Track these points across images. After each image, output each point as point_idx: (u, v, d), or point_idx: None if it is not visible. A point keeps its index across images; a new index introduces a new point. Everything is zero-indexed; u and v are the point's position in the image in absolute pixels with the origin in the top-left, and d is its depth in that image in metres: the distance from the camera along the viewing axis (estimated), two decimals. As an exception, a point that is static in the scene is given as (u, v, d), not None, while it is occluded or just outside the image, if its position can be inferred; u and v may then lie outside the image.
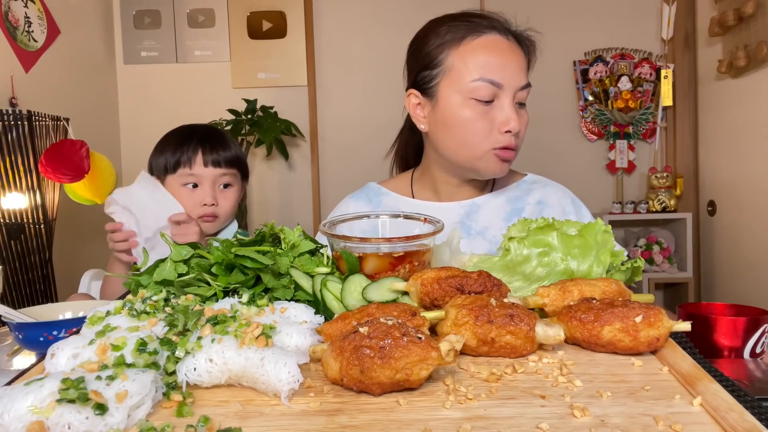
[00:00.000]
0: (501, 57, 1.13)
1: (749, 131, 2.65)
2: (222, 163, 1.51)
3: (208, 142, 1.53)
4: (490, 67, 1.12)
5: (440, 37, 1.18)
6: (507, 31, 1.17)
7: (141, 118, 3.23)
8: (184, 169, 1.49)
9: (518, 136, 1.17)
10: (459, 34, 1.16)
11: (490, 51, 1.13)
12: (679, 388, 0.58)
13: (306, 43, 3.21)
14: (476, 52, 1.13)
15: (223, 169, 1.51)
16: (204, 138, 1.53)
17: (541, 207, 1.26)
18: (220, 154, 1.52)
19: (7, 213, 2.00)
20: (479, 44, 1.14)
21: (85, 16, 2.95)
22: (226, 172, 1.52)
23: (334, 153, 3.25)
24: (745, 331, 0.86)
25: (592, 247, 0.87)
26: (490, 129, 1.14)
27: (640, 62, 3.18)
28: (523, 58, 1.17)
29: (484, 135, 1.14)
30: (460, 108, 1.14)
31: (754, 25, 2.51)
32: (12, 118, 2.00)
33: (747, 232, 2.70)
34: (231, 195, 1.54)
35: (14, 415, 0.48)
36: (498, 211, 1.26)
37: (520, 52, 1.17)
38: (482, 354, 0.66)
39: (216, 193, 1.51)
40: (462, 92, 1.14)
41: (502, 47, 1.15)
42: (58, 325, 0.91)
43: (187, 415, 0.53)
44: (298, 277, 0.82)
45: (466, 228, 1.25)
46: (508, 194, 1.29)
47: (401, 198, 1.33)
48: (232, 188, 1.54)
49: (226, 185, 1.53)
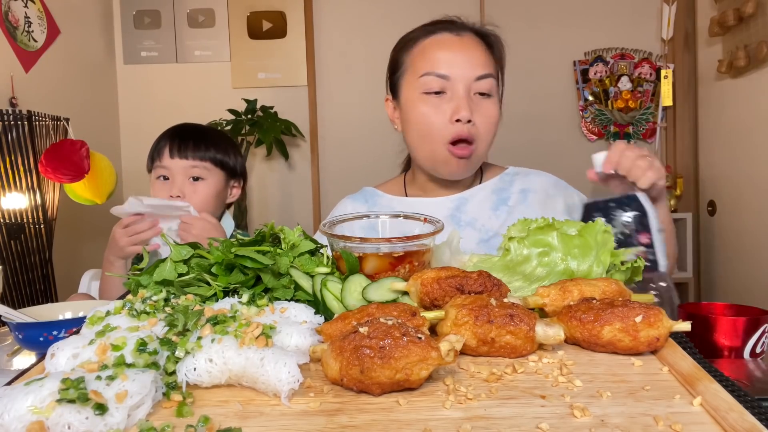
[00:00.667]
0: (448, 52, 1.21)
1: (749, 131, 2.65)
2: (189, 155, 1.49)
3: (182, 135, 1.52)
4: (437, 61, 1.21)
5: (402, 44, 1.30)
6: (461, 29, 1.25)
7: (141, 118, 3.23)
8: (156, 162, 1.51)
9: (477, 128, 1.20)
10: (414, 36, 1.28)
11: (438, 47, 1.22)
12: (679, 388, 0.58)
13: (306, 43, 3.21)
14: (425, 49, 1.23)
15: (191, 161, 1.49)
16: (179, 132, 1.53)
17: (524, 194, 1.31)
18: (190, 146, 1.50)
19: (7, 213, 2.00)
20: (428, 43, 1.24)
21: (85, 16, 2.95)
22: (195, 165, 1.49)
23: (334, 153, 3.25)
24: (745, 331, 0.86)
25: (592, 247, 0.87)
26: (443, 121, 1.20)
27: (640, 62, 3.18)
28: (481, 52, 1.23)
29: (438, 127, 1.20)
30: (416, 103, 1.23)
31: (754, 25, 2.51)
32: (12, 118, 2.00)
33: (747, 232, 2.69)
34: (201, 188, 1.50)
35: (14, 415, 0.48)
36: (485, 202, 1.31)
37: (475, 46, 1.23)
38: (482, 354, 0.66)
39: (185, 186, 1.49)
40: (416, 88, 1.23)
41: (450, 42, 1.22)
42: (58, 325, 0.91)
43: (187, 415, 0.53)
44: (298, 277, 0.82)
45: (456, 220, 1.29)
46: (492, 186, 1.33)
47: (395, 198, 1.38)
48: (203, 182, 1.51)
49: (195, 178, 1.50)
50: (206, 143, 1.54)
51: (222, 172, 1.55)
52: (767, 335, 0.87)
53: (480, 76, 1.20)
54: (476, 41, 1.23)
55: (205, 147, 1.53)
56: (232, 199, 1.63)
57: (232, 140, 1.67)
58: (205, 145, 1.53)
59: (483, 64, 1.21)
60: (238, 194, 1.64)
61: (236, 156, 1.61)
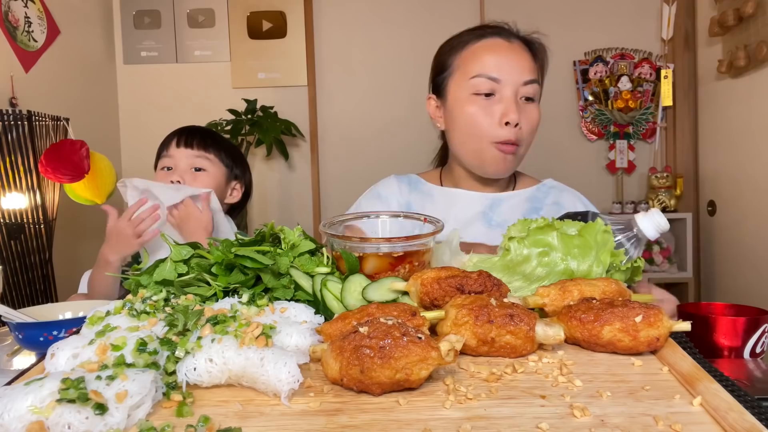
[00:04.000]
0: (500, 56, 1.26)
1: (749, 131, 2.65)
2: (194, 144, 1.52)
3: (191, 130, 1.55)
4: (488, 64, 1.25)
5: (450, 46, 1.34)
6: (510, 35, 1.29)
7: (141, 118, 3.23)
8: (163, 153, 1.53)
9: (522, 131, 1.25)
10: (465, 39, 1.31)
11: (490, 51, 1.27)
12: (679, 388, 0.58)
13: (306, 43, 3.21)
14: (476, 52, 1.28)
15: (195, 150, 1.51)
16: (189, 128, 1.56)
17: (557, 208, 1.34)
18: (196, 136, 1.53)
19: (7, 213, 2.00)
20: (480, 46, 1.28)
21: (85, 16, 2.95)
22: (198, 154, 1.51)
23: (334, 153, 3.25)
24: (744, 331, 0.86)
25: (592, 247, 0.87)
26: (492, 122, 1.24)
27: (640, 62, 3.18)
28: (528, 58, 1.28)
29: (485, 127, 1.24)
30: (465, 103, 1.27)
31: (754, 25, 2.51)
32: (12, 118, 2.00)
33: (747, 231, 2.69)
34: (203, 179, 1.52)
35: (14, 415, 0.48)
36: (518, 207, 1.34)
37: (523, 53, 1.28)
38: (482, 354, 0.66)
39: (186, 174, 1.50)
40: (465, 89, 1.26)
41: (502, 47, 1.27)
42: (58, 325, 0.91)
43: (187, 415, 0.53)
44: (298, 277, 0.82)
45: (488, 218, 1.33)
46: (527, 194, 1.37)
47: (435, 187, 1.42)
48: (204, 173, 1.52)
49: (198, 169, 1.52)
50: (213, 140, 1.56)
51: (224, 168, 1.57)
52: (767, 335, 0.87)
53: (527, 81, 1.25)
54: (524, 48, 1.29)
55: (212, 141, 1.55)
56: (232, 200, 1.63)
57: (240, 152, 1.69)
58: (212, 140, 1.56)
59: (530, 70, 1.27)
60: (238, 197, 1.64)
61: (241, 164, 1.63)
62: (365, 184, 1.45)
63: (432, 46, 1.42)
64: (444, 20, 3.12)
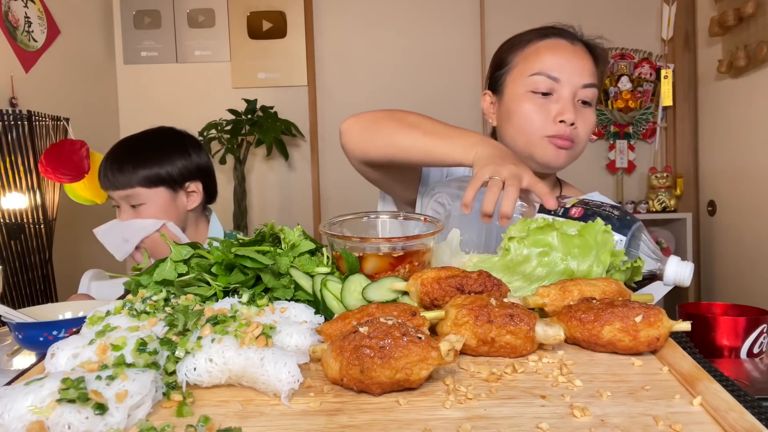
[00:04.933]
0: (561, 56, 1.24)
1: (749, 131, 2.65)
2: (111, 185, 1.46)
3: (109, 163, 1.47)
4: (549, 63, 1.24)
5: (512, 43, 1.32)
6: (574, 38, 1.28)
7: (141, 118, 3.22)
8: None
9: (577, 130, 1.23)
10: (527, 38, 1.30)
11: (552, 51, 1.25)
12: (679, 388, 0.58)
13: (306, 43, 3.21)
14: (538, 51, 1.26)
15: (120, 191, 1.46)
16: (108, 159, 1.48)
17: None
18: (116, 174, 1.45)
19: (7, 213, 2.00)
20: (542, 45, 1.27)
21: (85, 16, 2.95)
22: (127, 194, 1.45)
23: (334, 153, 3.25)
24: (743, 331, 0.86)
25: (592, 247, 0.87)
26: (546, 119, 1.22)
27: (640, 62, 3.18)
28: (589, 62, 1.27)
29: (540, 124, 1.22)
30: (521, 100, 1.25)
31: (754, 25, 2.51)
32: (12, 118, 2.01)
33: (747, 231, 2.69)
34: (145, 211, 1.46)
35: (14, 415, 0.48)
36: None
37: (585, 56, 1.26)
38: (482, 354, 0.66)
39: (129, 213, 1.47)
40: (523, 86, 1.25)
41: (564, 48, 1.25)
42: (58, 325, 0.91)
43: (187, 415, 0.53)
44: (298, 277, 0.82)
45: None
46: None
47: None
48: (143, 206, 1.46)
49: (134, 205, 1.46)
50: (133, 165, 1.46)
51: (162, 188, 1.48)
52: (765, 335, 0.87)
53: (587, 84, 1.24)
54: (586, 52, 1.27)
55: (132, 169, 1.45)
56: (194, 204, 1.55)
57: (173, 140, 1.55)
58: (132, 167, 1.46)
59: (590, 74, 1.25)
60: (199, 197, 1.55)
61: (179, 158, 1.51)
62: (365, 184, 1.45)
63: (432, 46, 1.42)
64: (444, 20, 3.13)
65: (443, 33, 3.18)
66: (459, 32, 3.17)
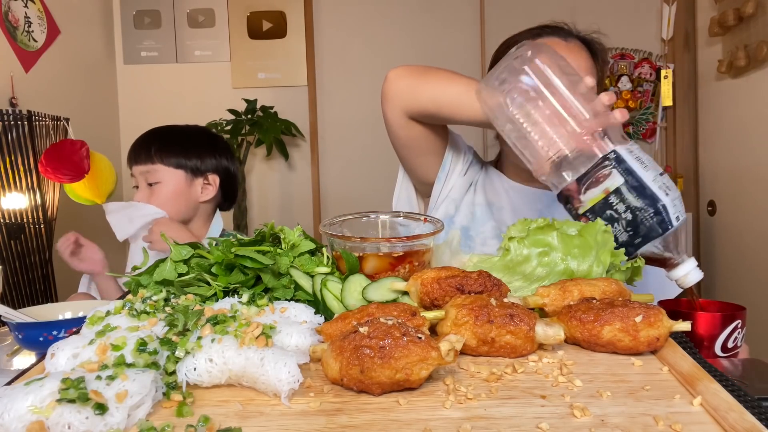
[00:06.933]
0: None
1: (749, 131, 2.65)
2: (141, 159, 1.52)
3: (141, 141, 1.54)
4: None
5: (507, 45, 1.32)
6: (568, 35, 1.28)
7: (141, 118, 3.22)
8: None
9: None
10: (520, 39, 1.29)
11: None
12: (679, 387, 0.58)
13: (306, 43, 3.21)
14: None
15: (142, 165, 1.51)
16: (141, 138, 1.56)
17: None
18: (143, 150, 1.52)
19: (7, 213, 2.00)
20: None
21: (85, 16, 2.95)
22: (146, 169, 1.51)
23: (334, 153, 3.25)
24: (719, 325, 0.86)
25: (592, 247, 0.87)
26: None
27: (640, 62, 3.18)
28: (585, 57, 1.27)
29: None
30: None
31: (754, 25, 2.51)
32: (12, 118, 2.00)
33: (747, 231, 2.69)
34: (159, 192, 1.51)
35: (14, 415, 0.48)
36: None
37: (580, 52, 1.26)
38: (482, 354, 0.66)
39: (145, 192, 1.51)
40: None
41: (557, 46, 1.24)
42: (58, 325, 0.91)
43: (187, 415, 0.53)
44: (298, 277, 0.82)
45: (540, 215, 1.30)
46: None
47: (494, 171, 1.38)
48: (159, 185, 1.51)
49: (150, 183, 1.52)
50: (161, 146, 1.52)
51: (180, 170, 1.53)
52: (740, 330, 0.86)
53: None
54: (581, 47, 1.28)
55: (158, 150, 1.52)
56: (207, 196, 1.59)
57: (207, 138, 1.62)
58: (159, 148, 1.52)
59: (587, 69, 1.25)
60: (213, 191, 1.59)
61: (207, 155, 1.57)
62: (365, 184, 1.45)
63: (432, 46, 1.42)
64: (444, 20, 3.12)
65: (443, 33, 3.18)
66: (459, 32, 3.17)
